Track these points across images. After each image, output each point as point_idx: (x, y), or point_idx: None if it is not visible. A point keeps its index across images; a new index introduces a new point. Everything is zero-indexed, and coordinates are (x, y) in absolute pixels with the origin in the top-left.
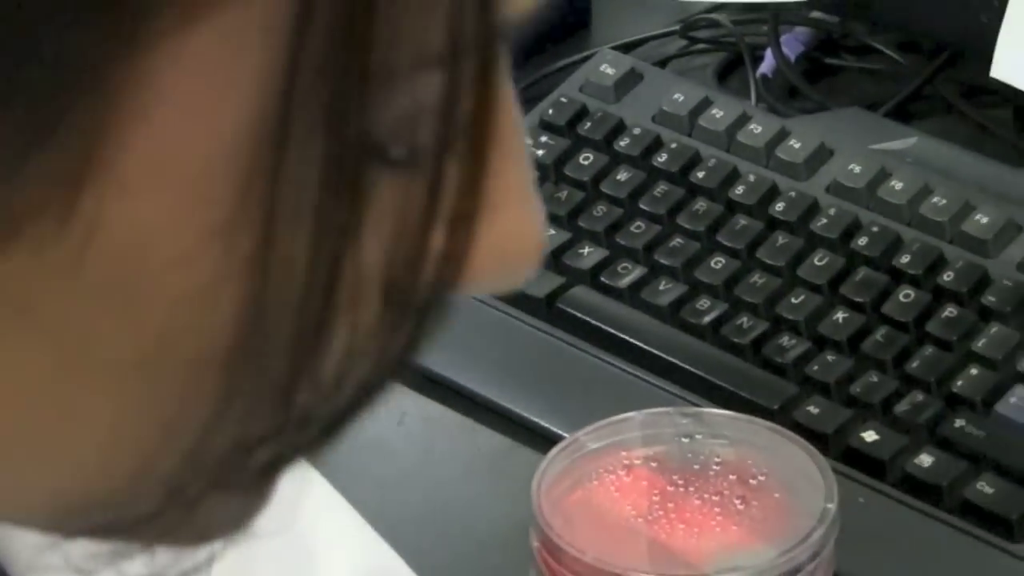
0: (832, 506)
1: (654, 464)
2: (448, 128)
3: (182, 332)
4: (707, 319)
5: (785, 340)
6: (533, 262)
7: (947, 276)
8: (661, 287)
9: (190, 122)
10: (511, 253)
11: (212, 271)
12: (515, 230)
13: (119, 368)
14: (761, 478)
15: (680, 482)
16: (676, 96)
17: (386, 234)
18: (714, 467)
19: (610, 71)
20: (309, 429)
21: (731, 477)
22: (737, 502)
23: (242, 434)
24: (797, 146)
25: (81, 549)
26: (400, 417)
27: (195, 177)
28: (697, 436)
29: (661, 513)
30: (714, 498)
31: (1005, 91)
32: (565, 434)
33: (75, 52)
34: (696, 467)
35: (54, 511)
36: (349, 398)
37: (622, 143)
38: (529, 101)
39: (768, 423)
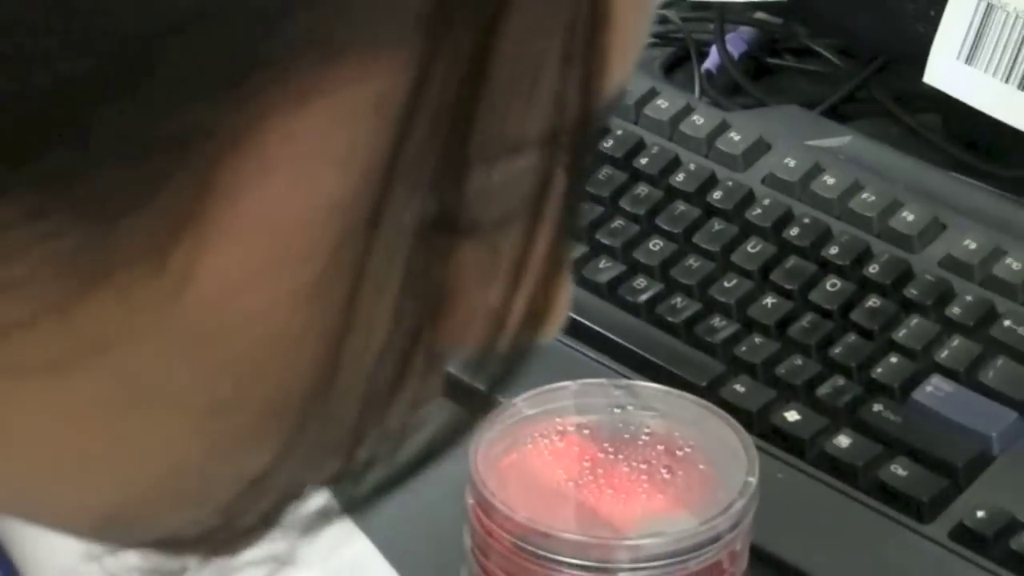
0: (753, 480)
1: (586, 432)
2: (543, 201)
3: (257, 381)
4: (643, 298)
5: (716, 321)
6: (565, 317)
7: (872, 268)
8: (601, 266)
9: (293, 187)
10: (558, 310)
11: (295, 325)
12: (565, 290)
13: (190, 410)
14: (687, 450)
15: (610, 450)
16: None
17: (468, 297)
18: (643, 437)
19: None
20: (366, 480)
21: (659, 447)
22: (663, 471)
23: (302, 479)
24: (736, 139)
25: (118, 562)
26: None
27: (290, 237)
28: (628, 407)
29: (591, 478)
30: (642, 467)
31: (935, 98)
32: (503, 400)
33: (194, 123)
34: (626, 436)
35: (106, 527)
36: (413, 454)
37: None
38: None
39: (696, 398)
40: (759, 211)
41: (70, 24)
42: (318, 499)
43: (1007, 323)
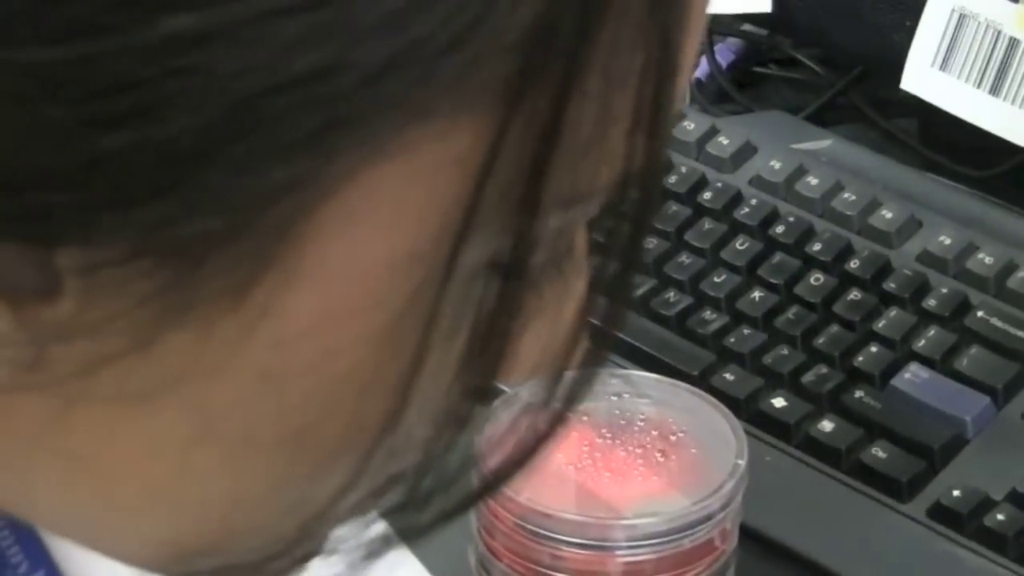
0: (742, 462)
1: (585, 418)
2: (616, 240)
3: (327, 417)
4: (638, 293)
5: (707, 314)
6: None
7: (853, 263)
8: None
9: (372, 236)
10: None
11: (367, 366)
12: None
13: (258, 444)
14: (680, 435)
15: (608, 435)
16: None
17: (538, 335)
18: (638, 423)
19: None
20: (428, 510)
21: (653, 433)
22: (658, 455)
23: (360, 510)
24: (725, 143)
25: None
26: None
27: (368, 283)
28: (624, 395)
29: (589, 462)
30: (637, 451)
31: (911, 103)
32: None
33: (287, 177)
34: (622, 422)
35: (170, 556)
36: (477, 485)
37: None
38: None
39: (688, 386)
40: (747, 211)
41: (187, 84)
42: (378, 526)
43: (980, 314)
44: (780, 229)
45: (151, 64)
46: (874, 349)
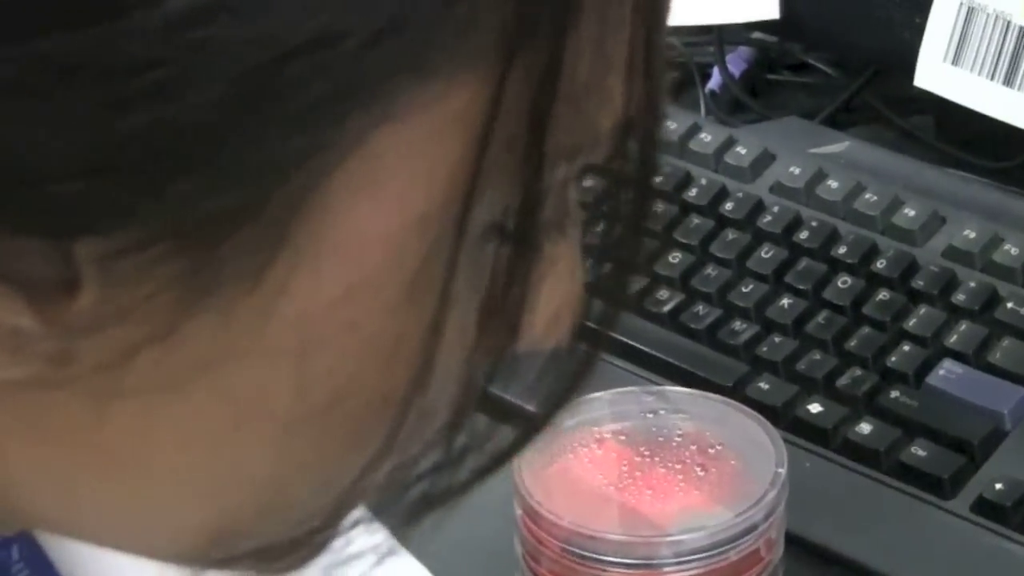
0: (783, 471)
1: (622, 438)
2: (626, 192)
3: (353, 389)
4: (667, 308)
5: (737, 325)
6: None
7: (879, 264)
8: None
9: (381, 203)
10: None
11: (389, 333)
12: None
13: (288, 423)
14: (718, 447)
15: (646, 453)
16: None
17: (553, 293)
18: (676, 439)
19: None
20: (460, 471)
21: (691, 447)
22: (698, 469)
23: (396, 476)
24: (743, 152)
25: None
26: None
27: (381, 250)
28: (660, 412)
29: (630, 481)
30: (677, 466)
31: (926, 99)
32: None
33: (291, 150)
34: (660, 439)
35: (200, 543)
36: (503, 442)
37: None
38: None
39: (723, 398)
40: (769, 218)
41: (197, 60)
42: (414, 494)
43: (1010, 305)
44: (804, 235)
45: (162, 42)
46: (906, 348)
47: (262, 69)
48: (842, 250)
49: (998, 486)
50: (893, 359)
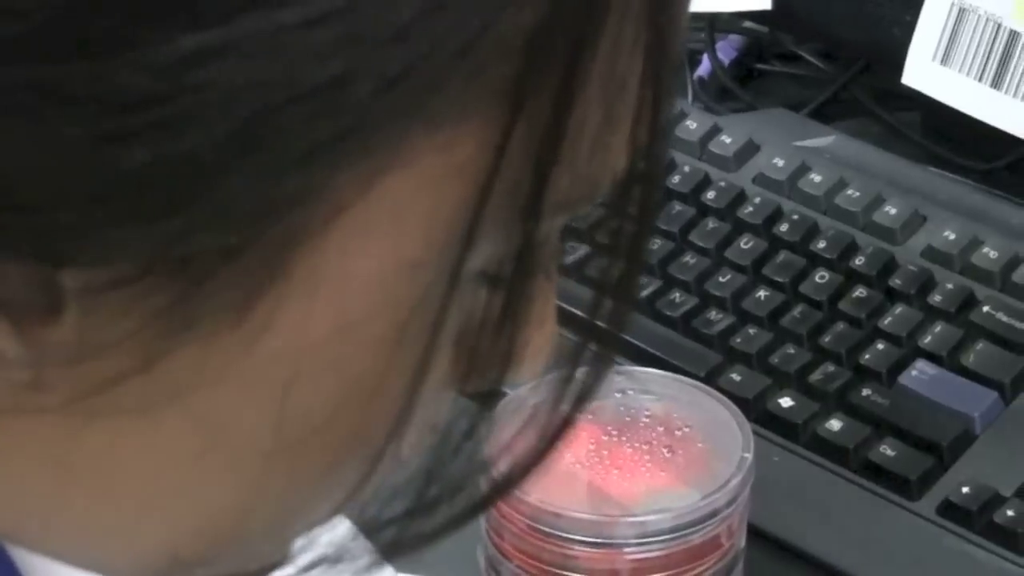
0: (748, 455)
1: (590, 416)
2: (619, 240)
3: (326, 430)
4: (643, 294)
5: (712, 315)
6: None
7: (858, 260)
8: None
9: (376, 247)
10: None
11: (372, 374)
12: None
13: (258, 456)
14: (686, 429)
15: (614, 432)
16: None
17: (531, 333)
18: (644, 419)
19: None
20: (433, 519)
21: (659, 428)
22: (664, 451)
23: (370, 517)
24: (728, 141)
25: None
26: None
27: (370, 292)
28: (629, 392)
29: (597, 460)
30: (644, 447)
31: (913, 97)
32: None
33: (291, 191)
34: (628, 419)
35: (157, 567)
36: (486, 489)
37: None
38: None
39: (692, 381)
40: (750, 209)
41: (203, 98)
42: (384, 537)
43: (986, 309)
44: (784, 227)
45: (168, 79)
46: (881, 346)
47: (269, 111)
48: (821, 244)
49: (965, 489)
50: (867, 357)
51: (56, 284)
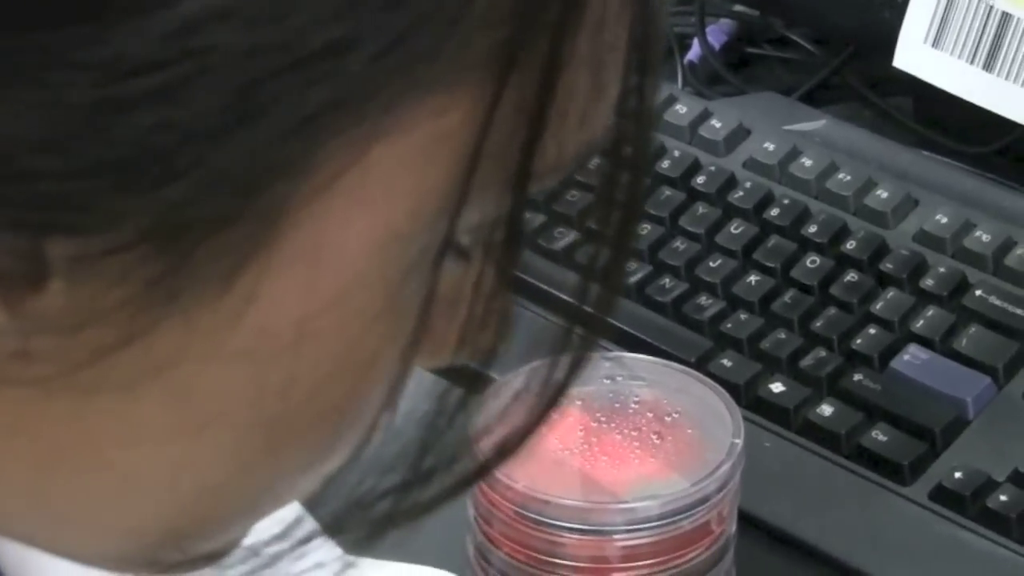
0: (739, 441)
1: (579, 403)
2: (607, 226)
3: (309, 404)
4: (633, 280)
5: (703, 300)
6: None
7: (850, 245)
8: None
9: (363, 216)
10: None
11: (359, 347)
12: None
13: (237, 428)
14: (675, 415)
15: (603, 419)
16: None
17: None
18: (633, 406)
19: None
20: (427, 491)
21: (648, 415)
22: (654, 437)
23: (360, 491)
24: (718, 125)
25: None
26: None
27: (357, 262)
28: (618, 378)
29: (586, 447)
30: (633, 433)
31: (904, 81)
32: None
33: (286, 159)
34: (617, 406)
35: (129, 547)
36: (474, 465)
37: None
38: None
39: (682, 367)
40: (741, 194)
41: (204, 64)
42: (379, 509)
43: (978, 293)
44: (775, 212)
45: (170, 45)
46: (872, 331)
47: (268, 77)
48: (812, 229)
49: (957, 475)
50: (858, 342)
51: (45, 253)
